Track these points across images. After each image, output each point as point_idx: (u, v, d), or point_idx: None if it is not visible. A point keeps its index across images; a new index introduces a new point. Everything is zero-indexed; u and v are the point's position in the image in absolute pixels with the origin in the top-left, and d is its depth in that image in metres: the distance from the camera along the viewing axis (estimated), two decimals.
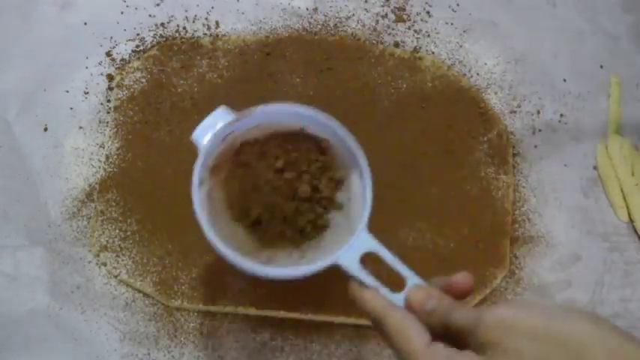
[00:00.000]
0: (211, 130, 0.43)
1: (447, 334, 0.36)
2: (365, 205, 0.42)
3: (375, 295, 0.39)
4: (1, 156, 0.56)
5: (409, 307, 0.38)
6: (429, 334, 0.36)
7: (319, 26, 0.62)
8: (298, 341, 0.54)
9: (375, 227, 0.55)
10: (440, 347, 0.35)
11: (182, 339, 0.53)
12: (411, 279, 0.39)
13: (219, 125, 0.43)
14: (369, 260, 0.40)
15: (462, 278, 0.38)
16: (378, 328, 0.38)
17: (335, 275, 0.54)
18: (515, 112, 0.61)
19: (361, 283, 0.39)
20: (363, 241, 0.40)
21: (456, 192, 0.57)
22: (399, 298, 0.38)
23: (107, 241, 0.55)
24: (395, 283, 0.39)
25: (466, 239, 0.56)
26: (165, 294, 0.54)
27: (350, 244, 0.40)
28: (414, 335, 0.36)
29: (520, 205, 0.58)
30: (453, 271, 0.54)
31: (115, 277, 0.55)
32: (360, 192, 0.43)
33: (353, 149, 0.43)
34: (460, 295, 0.38)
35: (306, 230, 0.42)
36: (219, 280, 0.54)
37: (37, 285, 0.53)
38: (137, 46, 0.60)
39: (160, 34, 0.61)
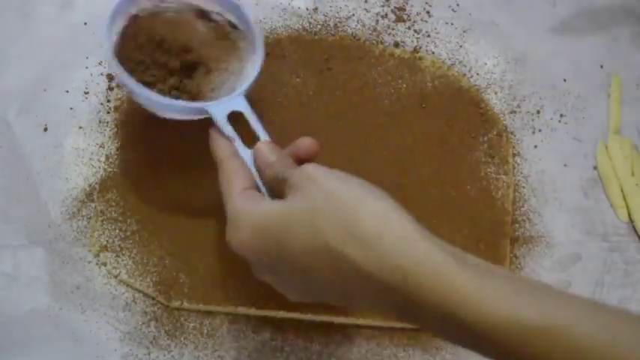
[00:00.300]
0: None
1: (275, 192, 0.42)
2: (253, 71, 0.49)
3: (224, 144, 0.45)
4: (1, 156, 0.56)
5: (255, 155, 0.44)
6: (251, 181, 0.42)
7: (319, 26, 0.62)
8: (298, 341, 0.54)
9: None
10: (253, 192, 0.41)
11: (182, 339, 0.53)
12: (264, 137, 0.46)
13: None
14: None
15: (307, 140, 0.44)
16: (218, 172, 0.44)
17: None
18: (515, 112, 0.61)
19: (221, 133, 0.46)
20: (238, 102, 0.47)
21: (456, 192, 0.57)
22: (247, 152, 0.45)
23: (107, 241, 0.55)
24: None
25: (466, 239, 0.56)
26: (166, 294, 0.54)
27: (223, 100, 0.48)
28: (237, 180, 0.42)
29: (520, 205, 0.58)
30: None
31: (115, 277, 0.55)
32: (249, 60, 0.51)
33: (253, 30, 0.51)
34: (304, 159, 0.43)
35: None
36: (219, 280, 0.54)
37: (37, 285, 0.53)
38: None
39: None
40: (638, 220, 0.57)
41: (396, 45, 0.61)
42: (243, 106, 0.47)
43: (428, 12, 0.63)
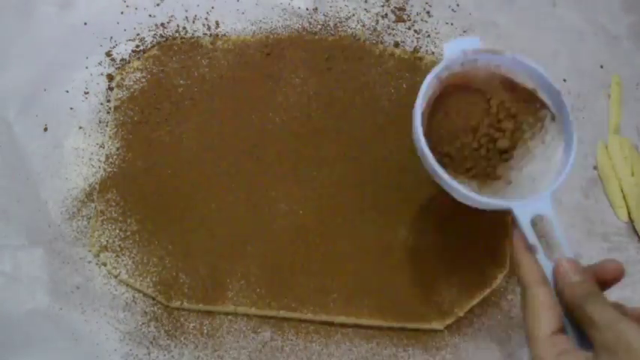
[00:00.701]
0: (462, 46, 0.47)
1: (573, 319, 0.38)
2: (563, 170, 0.44)
3: (533, 265, 0.41)
4: (1, 156, 0.56)
5: (556, 272, 0.40)
6: (558, 322, 0.38)
7: (319, 26, 0.62)
8: (298, 341, 0.54)
9: (375, 227, 0.55)
10: (561, 339, 0.38)
11: (182, 339, 0.53)
12: (568, 253, 0.41)
13: (470, 45, 0.47)
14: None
15: (613, 265, 0.41)
16: (520, 295, 0.41)
17: (335, 277, 0.54)
18: None
19: (524, 242, 0.42)
20: (544, 205, 0.42)
21: None
22: (548, 264, 0.40)
23: (107, 241, 0.55)
24: None
25: (466, 239, 0.56)
26: (166, 294, 0.54)
27: (532, 198, 0.43)
28: (545, 319, 0.38)
29: None
30: (453, 270, 0.55)
31: (115, 277, 0.55)
32: (559, 158, 0.46)
33: (568, 122, 0.46)
34: (606, 282, 0.41)
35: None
36: (219, 280, 0.54)
37: (37, 285, 0.53)
38: (137, 46, 0.60)
39: (160, 34, 0.61)
40: (638, 220, 0.57)
41: (396, 45, 0.61)
42: (549, 210, 0.42)
43: (428, 12, 0.63)
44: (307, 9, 0.62)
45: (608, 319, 0.36)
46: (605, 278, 0.41)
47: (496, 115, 0.48)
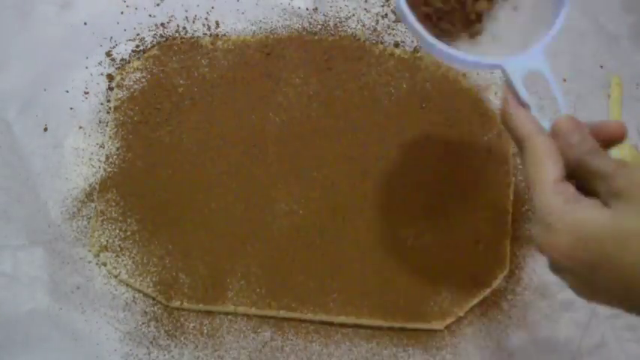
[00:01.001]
0: None
1: (574, 176, 0.36)
2: (555, 22, 0.40)
3: (528, 116, 0.38)
4: (1, 156, 0.56)
5: (554, 133, 0.37)
6: (561, 170, 0.36)
7: (319, 26, 0.62)
8: (298, 341, 0.54)
9: (375, 227, 0.55)
10: (567, 185, 0.35)
11: (182, 339, 0.53)
12: (564, 108, 0.38)
13: None
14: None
15: (614, 123, 0.38)
16: (518, 149, 0.38)
17: (335, 277, 0.54)
18: None
19: (517, 99, 0.39)
20: (537, 60, 0.39)
21: (456, 192, 0.57)
22: (545, 123, 0.38)
23: (107, 241, 0.55)
24: None
25: (466, 239, 0.56)
26: (166, 294, 0.54)
27: (524, 54, 0.39)
28: (549, 166, 0.36)
29: (520, 205, 0.58)
30: (453, 270, 0.55)
31: (115, 277, 0.55)
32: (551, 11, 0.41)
33: None
34: (608, 141, 0.38)
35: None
36: (219, 280, 0.54)
37: (37, 285, 0.53)
38: (137, 46, 0.60)
39: (160, 34, 0.61)
40: None
41: (396, 45, 0.61)
42: (543, 65, 0.39)
43: None
44: (307, 9, 0.62)
45: (616, 168, 0.34)
46: (605, 138, 0.38)
47: None
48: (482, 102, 0.60)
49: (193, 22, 0.61)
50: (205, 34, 0.61)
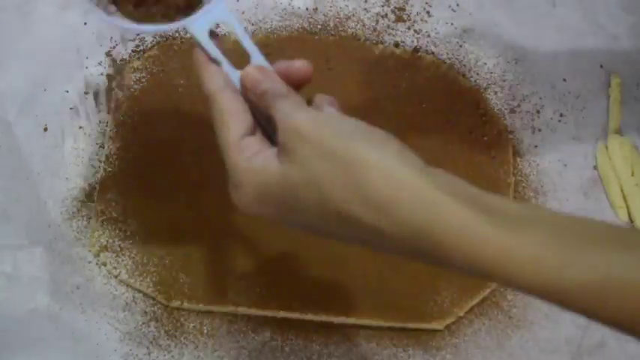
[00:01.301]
0: None
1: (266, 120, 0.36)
2: None
3: (214, 73, 0.38)
4: (1, 156, 0.56)
5: (242, 85, 0.37)
6: (248, 124, 0.36)
7: (319, 26, 0.62)
8: (298, 341, 0.54)
9: None
10: (250, 141, 0.36)
11: (182, 339, 0.53)
12: (255, 57, 0.38)
13: None
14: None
15: (300, 64, 0.37)
16: (209, 107, 0.37)
17: (335, 277, 0.54)
18: (515, 112, 0.61)
19: (207, 55, 0.38)
20: (219, 12, 0.39)
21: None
22: (236, 75, 0.37)
23: (107, 241, 0.55)
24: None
25: None
26: (166, 294, 0.54)
27: (203, 10, 0.38)
28: (232, 124, 0.36)
29: None
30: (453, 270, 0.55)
31: (115, 277, 0.55)
32: None
33: None
34: (298, 82, 0.37)
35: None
36: (219, 280, 0.54)
37: (37, 285, 0.53)
38: (137, 46, 0.60)
39: (160, 34, 0.61)
40: (638, 220, 0.57)
41: (396, 45, 0.61)
42: (227, 17, 0.39)
43: (428, 12, 0.63)
44: (307, 9, 0.62)
45: (284, 114, 0.34)
46: (291, 79, 0.37)
47: None
48: (482, 102, 0.60)
49: None
50: None
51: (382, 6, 0.63)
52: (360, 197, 0.31)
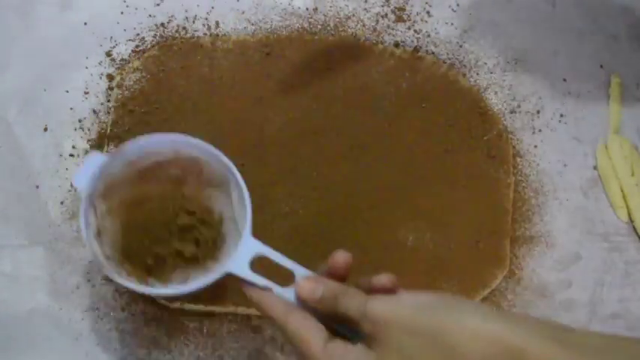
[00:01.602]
0: (88, 175, 0.44)
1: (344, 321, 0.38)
2: (246, 212, 0.44)
3: (273, 301, 0.41)
4: (1, 156, 0.56)
5: (300, 298, 0.40)
6: (324, 332, 0.38)
7: (319, 26, 0.62)
8: None
9: (375, 227, 0.55)
10: (335, 345, 0.37)
11: (182, 339, 0.53)
12: (298, 272, 0.42)
13: (94, 169, 0.44)
14: (260, 265, 0.43)
15: (338, 257, 0.41)
16: (280, 331, 0.40)
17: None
18: (515, 112, 0.61)
19: (257, 288, 0.41)
20: (251, 246, 0.43)
21: (456, 192, 0.57)
22: (290, 292, 0.41)
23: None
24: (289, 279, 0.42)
25: (466, 239, 0.56)
26: None
27: (238, 253, 0.43)
28: (311, 338, 0.38)
29: (520, 205, 0.58)
30: (452, 271, 0.55)
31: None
32: (240, 202, 0.46)
33: (226, 163, 0.46)
34: (342, 274, 0.41)
35: (196, 255, 0.45)
36: (219, 280, 0.54)
37: (37, 285, 0.53)
38: (137, 46, 0.60)
39: (160, 34, 0.61)
40: (638, 220, 0.57)
41: (396, 45, 0.61)
42: (260, 247, 0.43)
43: (428, 12, 0.63)
44: (307, 9, 0.62)
45: (362, 312, 0.37)
46: (337, 272, 0.41)
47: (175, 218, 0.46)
48: (482, 102, 0.60)
49: (193, 22, 0.61)
50: (205, 34, 0.61)
51: (382, 6, 0.63)
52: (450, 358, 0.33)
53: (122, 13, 0.61)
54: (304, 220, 0.55)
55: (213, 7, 0.62)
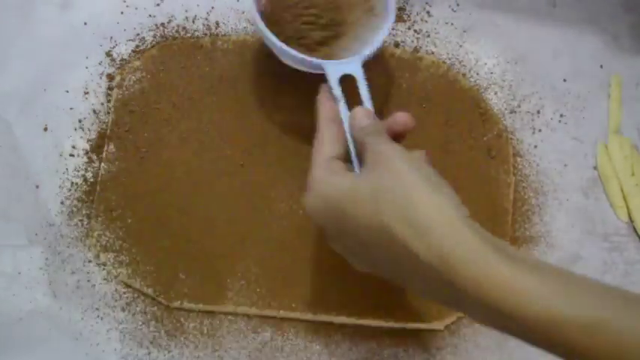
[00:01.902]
0: None
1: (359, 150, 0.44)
2: (373, 41, 0.51)
3: (329, 107, 0.46)
4: (1, 156, 0.56)
5: (350, 117, 0.45)
6: (340, 151, 0.44)
7: None
8: (298, 341, 0.54)
9: None
10: (337, 162, 0.43)
11: (182, 339, 0.53)
12: (367, 104, 0.47)
13: None
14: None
15: (399, 117, 0.45)
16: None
17: (335, 277, 0.54)
18: (515, 112, 0.61)
19: (329, 93, 0.48)
20: (354, 66, 0.49)
21: (456, 192, 0.57)
22: (347, 113, 0.46)
23: (107, 242, 0.55)
24: None
25: None
26: (166, 294, 0.54)
27: (341, 61, 0.49)
28: (326, 147, 0.44)
29: (520, 205, 0.58)
30: None
31: (115, 277, 0.55)
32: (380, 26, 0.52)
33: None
34: (399, 134, 0.45)
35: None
36: (219, 280, 0.54)
37: (36, 285, 0.53)
38: (137, 46, 0.60)
39: (160, 34, 0.61)
40: (638, 220, 0.57)
41: (396, 45, 0.61)
42: (357, 71, 0.49)
43: (428, 12, 0.63)
44: None
45: (375, 143, 0.41)
46: (396, 129, 0.45)
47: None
48: (482, 102, 0.60)
49: (193, 22, 0.61)
50: (205, 34, 0.61)
51: None
52: (403, 216, 0.36)
53: (122, 13, 0.61)
54: (304, 221, 0.55)
55: (213, 7, 0.62)
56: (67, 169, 0.57)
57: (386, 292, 0.54)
